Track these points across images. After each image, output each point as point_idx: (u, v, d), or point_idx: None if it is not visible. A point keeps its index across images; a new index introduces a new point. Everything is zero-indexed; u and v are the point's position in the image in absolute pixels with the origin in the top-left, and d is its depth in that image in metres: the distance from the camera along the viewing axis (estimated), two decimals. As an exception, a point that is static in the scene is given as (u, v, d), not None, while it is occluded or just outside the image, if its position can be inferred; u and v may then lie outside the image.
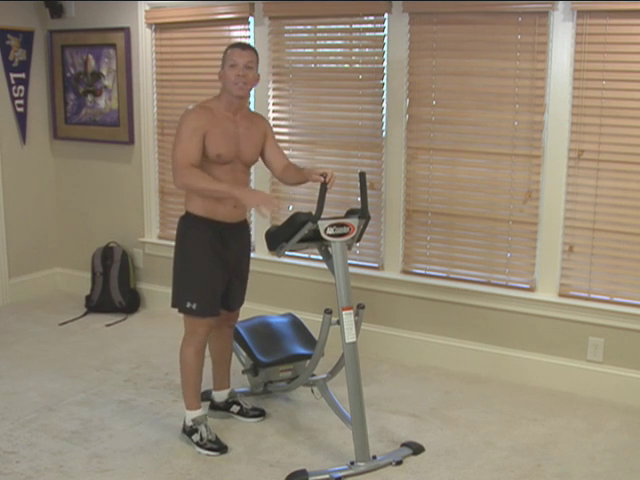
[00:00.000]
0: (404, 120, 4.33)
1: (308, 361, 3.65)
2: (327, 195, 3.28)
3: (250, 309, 4.75)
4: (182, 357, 3.46)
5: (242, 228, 3.52)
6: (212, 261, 3.36)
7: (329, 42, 4.65)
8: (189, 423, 3.46)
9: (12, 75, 5.31)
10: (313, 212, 3.29)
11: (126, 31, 5.09)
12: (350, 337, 3.26)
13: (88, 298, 5.37)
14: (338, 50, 4.61)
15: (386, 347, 4.51)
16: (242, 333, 3.84)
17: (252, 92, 4.74)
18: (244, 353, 3.86)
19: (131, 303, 5.31)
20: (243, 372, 3.88)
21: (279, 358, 3.74)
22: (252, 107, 4.77)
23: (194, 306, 3.36)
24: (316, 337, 3.54)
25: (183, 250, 3.42)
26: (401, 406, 3.88)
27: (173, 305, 3.46)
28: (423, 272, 4.44)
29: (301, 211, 3.36)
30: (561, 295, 4.07)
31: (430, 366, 4.37)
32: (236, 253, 3.47)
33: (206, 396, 3.86)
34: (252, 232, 4.31)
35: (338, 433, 3.53)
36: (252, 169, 3.69)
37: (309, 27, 4.61)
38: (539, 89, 3.96)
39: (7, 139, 5.37)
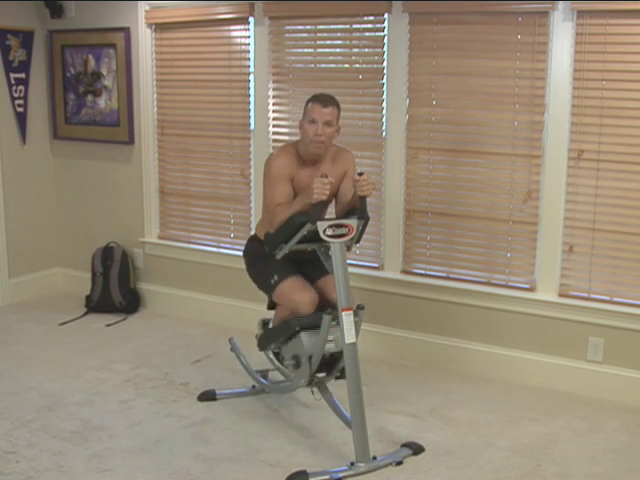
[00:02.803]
0: (404, 120, 4.33)
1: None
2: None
3: (252, 310, 4.75)
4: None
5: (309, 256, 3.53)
6: (281, 262, 3.51)
7: (329, 42, 4.65)
8: None
9: (12, 75, 5.31)
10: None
11: (126, 31, 5.09)
12: (350, 338, 3.26)
13: (88, 298, 5.37)
14: (338, 50, 4.61)
15: (386, 347, 4.51)
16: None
17: (252, 93, 4.77)
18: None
19: (131, 303, 5.31)
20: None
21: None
22: (252, 107, 4.78)
23: (276, 276, 3.50)
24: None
25: (257, 265, 3.66)
26: (401, 406, 3.88)
27: (269, 297, 3.63)
28: (423, 272, 4.44)
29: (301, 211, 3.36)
30: (561, 295, 4.07)
31: (430, 366, 4.37)
32: (310, 262, 3.57)
33: (210, 395, 3.89)
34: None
35: (338, 433, 3.53)
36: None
37: (309, 27, 4.61)
38: (539, 89, 3.96)
39: (7, 139, 5.37)
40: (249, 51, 4.74)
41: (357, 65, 4.45)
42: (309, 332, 3.41)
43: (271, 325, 3.75)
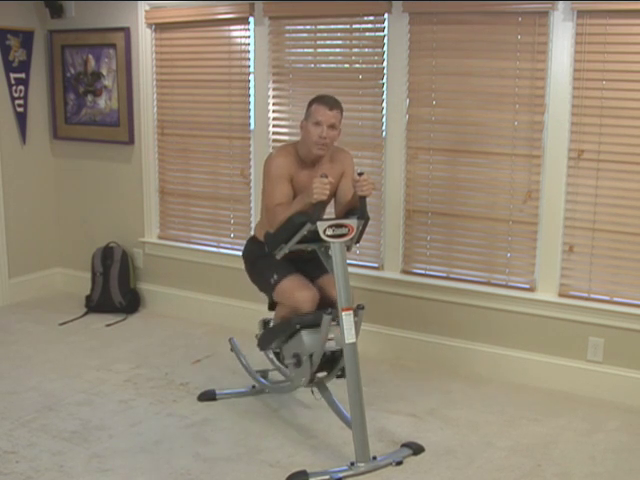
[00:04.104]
0: (404, 120, 4.33)
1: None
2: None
3: (252, 310, 4.75)
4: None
5: (309, 256, 3.53)
6: (280, 261, 3.50)
7: (329, 42, 4.65)
8: None
9: (12, 75, 5.31)
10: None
11: (126, 31, 5.09)
12: (350, 338, 3.26)
13: (88, 298, 5.37)
14: (338, 50, 4.61)
15: (386, 347, 4.51)
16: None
17: (252, 93, 4.77)
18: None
19: (131, 303, 5.31)
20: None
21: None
22: (252, 107, 4.78)
23: (276, 275, 3.50)
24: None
25: (257, 265, 3.64)
26: (401, 406, 3.88)
27: (270, 297, 3.63)
28: (423, 272, 4.44)
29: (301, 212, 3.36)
30: (561, 295, 4.07)
31: (430, 366, 4.37)
32: (309, 263, 3.57)
33: (210, 395, 3.89)
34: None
35: (338, 433, 3.53)
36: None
37: (309, 27, 4.61)
38: (539, 89, 3.96)
39: (7, 139, 5.37)
40: (249, 51, 4.74)
41: (357, 65, 4.45)
42: (310, 330, 3.40)
43: (272, 325, 3.75)
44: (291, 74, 4.64)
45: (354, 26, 4.42)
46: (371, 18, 4.34)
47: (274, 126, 4.73)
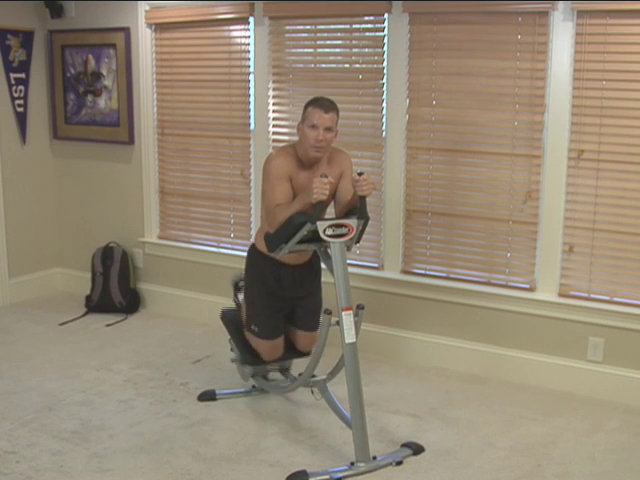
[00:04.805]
0: (404, 120, 4.33)
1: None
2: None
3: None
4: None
5: (303, 268, 3.64)
6: (263, 296, 3.65)
7: (329, 42, 4.65)
8: None
9: (12, 75, 5.31)
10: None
11: (126, 31, 5.09)
12: (350, 338, 3.26)
13: (88, 298, 5.38)
14: (338, 50, 4.61)
15: (386, 347, 4.51)
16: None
17: (252, 93, 4.77)
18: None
19: (131, 303, 5.31)
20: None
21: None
22: (252, 107, 4.78)
23: (256, 329, 3.67)
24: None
25: (247, 279, 3.77)
26: (401, 406, 3.88)
27: (245, 326, 3.78)
28: (423, 272, 4.44)
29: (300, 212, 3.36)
30: (561, 295, 4.07)
31: (430, 366, 4.37)
32: (291, 291, 3.66)
33: (210, 395, 3.89)
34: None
35: (338, 433, 3.53)
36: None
37: (309, 27, 4.61)
38: (539, 89, 3.96)
39: (7, 139, 5.37)
40: (249, 51, 4.74)
41: (357, 65, 4.45)
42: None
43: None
44: (291, 74, 4.65)
45: (354, 26, 4.42)
46: (371, 18, 4.34)
47: (274, 126, 4.73)
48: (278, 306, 3.66)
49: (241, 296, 3.91)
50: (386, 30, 4.29)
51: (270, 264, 3.59)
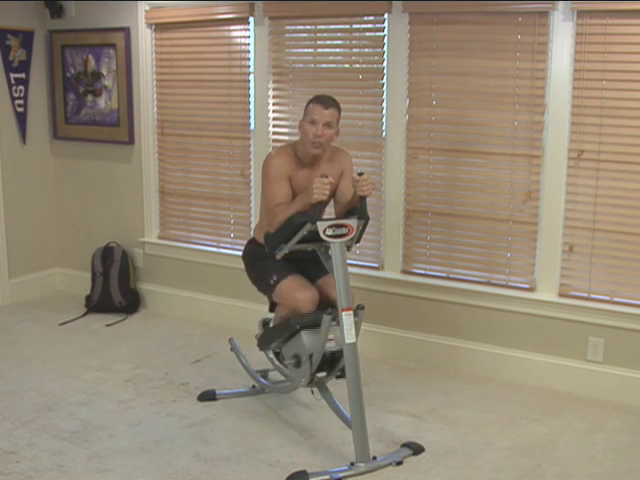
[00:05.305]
0: (404, 120, 4.33)
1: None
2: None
3: (252, 310, 4.75)
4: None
5: (309, 256, 3.52)
6: (280, 262, 3.50)
7: (329, 42, 4.66)
8: None
9: (12, 75, 5.31)
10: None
11: (126, 31, 5.09)
12: (350, 338, 3.26)
13: (88, 298, 5.37)
14: (338, 50, 4.61)
15: (386, 347, 4.51)
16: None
17: (252, 93, 4.77)
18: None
19: (131, 303, 5.31)
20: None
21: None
22: (252, 107, 4.78)
23: (275, 276, 3.49)
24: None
25: (256, 266, 3.64)
26: (401, 406, 3.88)
27: (269, 298, 3.62)
28: (423, 272, 4.44)
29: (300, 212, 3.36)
30: (561, 295, 4.07)
31: (430, 366, 4.37)
32: (300, 263, 3.56)
33: (210, 395, 3.89)
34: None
35: (338, 433, 3.53)
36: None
37: (309, 27, 4.61)
38: (539, 89, 3.96)
39: (7, 139, 5.37)
40: (249, 51, 4.74)
41: (357, 65, 4.45)
42: (309, 331, 3.40)
43: (271, 325, 3.75)
44: (291, 74, 4.64)
45: (354, 26, 4.42)
46: (371, 18, 4.34)
47: (274, 126, 4.73)
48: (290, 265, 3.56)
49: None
50: (386, 30, 4.29)
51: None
